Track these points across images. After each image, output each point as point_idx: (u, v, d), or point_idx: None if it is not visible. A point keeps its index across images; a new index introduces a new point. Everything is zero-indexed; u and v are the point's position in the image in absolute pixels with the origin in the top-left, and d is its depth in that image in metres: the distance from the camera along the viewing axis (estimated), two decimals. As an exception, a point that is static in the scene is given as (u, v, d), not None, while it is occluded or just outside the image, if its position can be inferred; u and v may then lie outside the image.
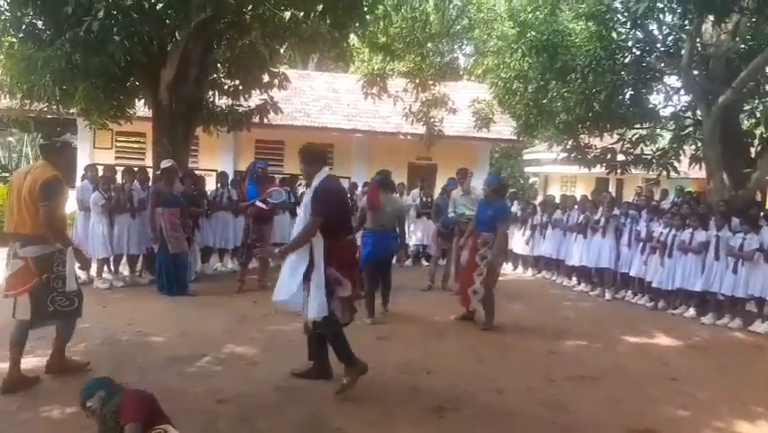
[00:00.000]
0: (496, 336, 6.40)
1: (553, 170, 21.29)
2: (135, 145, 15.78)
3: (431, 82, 11.44)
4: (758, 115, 9.24)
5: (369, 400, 4.39)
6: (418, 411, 4.22)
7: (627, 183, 20.54)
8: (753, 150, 9.56)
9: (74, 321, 4.66)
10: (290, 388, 4.50)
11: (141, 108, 10.70)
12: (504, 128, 15.93)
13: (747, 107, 9.80)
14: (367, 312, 6.58)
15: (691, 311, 8.06)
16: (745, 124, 10.23)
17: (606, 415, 4.36)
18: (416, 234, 11.38)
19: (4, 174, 17.38)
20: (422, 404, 4.34)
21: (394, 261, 7.88)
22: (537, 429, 4.03)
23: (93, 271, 8.29)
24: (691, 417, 4.41)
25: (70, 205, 8.74)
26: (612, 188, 19.41)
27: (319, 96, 17.52)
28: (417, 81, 11.53)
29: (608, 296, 9.20)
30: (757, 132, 9.76)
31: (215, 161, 15.62)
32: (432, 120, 11.73)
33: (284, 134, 15.52)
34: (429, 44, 11.94)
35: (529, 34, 10.19)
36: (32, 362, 4.82)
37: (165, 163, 7.74)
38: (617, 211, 9.48)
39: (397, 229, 7.09)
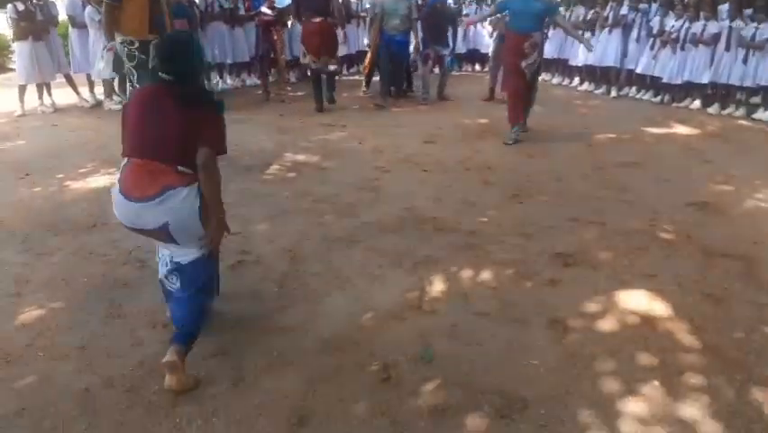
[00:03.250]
0: (531, 135, 6.62)
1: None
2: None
3: None
4: None
5: (449, 190, 4.71)
6: (498, 197, 4.56)
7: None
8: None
9: None
10: (374, 187, 4.74)
11: None
12: None
13: None
14: None
15: (697, 103, 8.44)
16: None
17: (661, 192, 4.79)
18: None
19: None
20: (498, 193, 4.67)
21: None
22: (609, 206, 4.42)
23: (99, 92, 8.03)
24: (735, 190, 4.88)
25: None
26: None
27: None
28: None
29: (613, 93, 9.44)
30: None
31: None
32: None
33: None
34: None
35: None
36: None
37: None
38: (625, 8, 9.34)
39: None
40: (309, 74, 8.02)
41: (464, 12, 11.62)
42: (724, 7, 8.31)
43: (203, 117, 2.41)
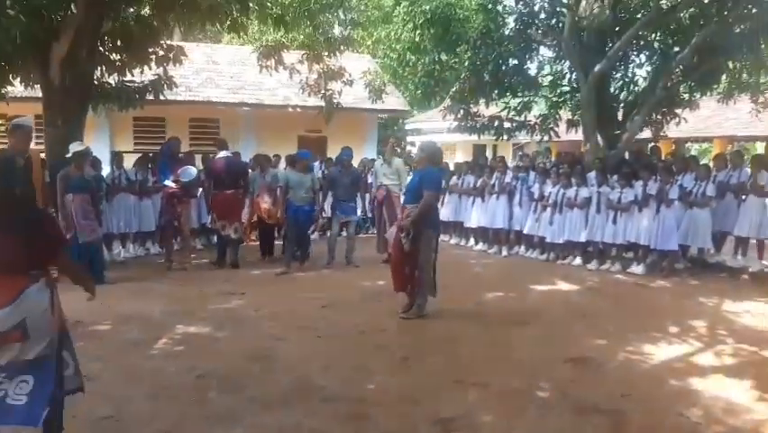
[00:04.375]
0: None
1: (433, 138, 22.24)
2: (3, 129, 14.33)
3: (326, 54, 11.57)
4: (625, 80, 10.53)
5: (340, 356, 4.76)
6: (389, 361, 4.65)
7: (500, 149, 22.09)
8: (619, 113, 10.86)
9: None
10: (265, 357, 4.70)
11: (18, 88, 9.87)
12: (390, 99, 16.45)
13: (615, 75, 11.09)
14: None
15: (578, 260, 9.15)
16: (611, 89, 11.49)
17: (542, 349, 5.05)
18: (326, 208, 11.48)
19: None
20: (389, 357, 4.77)
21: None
22: (493, 366, 4.60)
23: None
24: (609, 344, 5.23)
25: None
26: (488, 154, 20.75)
27: (199, 69, 16.89)
28: (312, 53, 11.61)
29: (504, 253, 10.11)
30: (622, 97, 11.10)
31: (90, 142, 14.59)
32: (330, 92, 11.90)
33: (164, 111, 14.83)
34: (321, 16, 11.99)
35: (422, 8, 10.71)
36: None
37: (76, 147, 7.31)
38: (509, 176, 10.32)
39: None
40: (217, 238, 8.78)
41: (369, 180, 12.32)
42: (592, 174, 9.41)
43: (43, 233, 2.82)
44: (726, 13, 9.20)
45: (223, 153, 8.62)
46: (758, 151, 19.74)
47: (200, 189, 9.25)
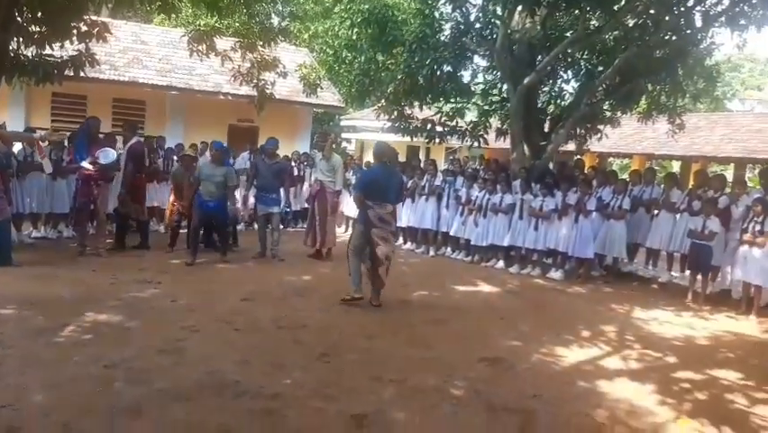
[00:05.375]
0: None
1: (367, 136, 22.28)
2: None
3: (260, 44, 11.33)
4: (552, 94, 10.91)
5: (257, 351, 4.65)
6: (305, 359, 4.58)
7: (433, 152, 22.39)
8: (546, 125, 11.23)
9: None
10: (175, 349, 4.54)
11: None
12: (326, 94, 16.33)
13: (544, 88, 11.46)
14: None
15: (501, 263, 9.40)
16: (539, 102, 11.87)
17: (460, 349, 5.14)
18: (250, 199, 11.26)
19: None
20: (308, 353, 4.71)
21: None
22: (411, 364, 4.64)
23: None
24: (523, 345, 5.39)
25: None
26: (421, 156, 20.98)
27: (126, 48, 16.18)
28: (246, 42, 11.35)
29: (431, 253, 10.26)
30: (549, 110, 11.48)
31: (3, 116, 13.74)
32: (263, 83, 11.65)
33: (87, 88, 14.12)
34: (258, 6, 11.74)
35: (360, 6, 10.69)
36: None
37: (-12, 120, 6.83)
38: (439, 179, 10.48)
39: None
40: (123, 221, 8.66)
41: (296, 172, 12.15)
42: (517, 182, 9.67)
43: None
44: (647, 38, 9.68)
45: (135, 138, 8.75)
46: (674, 169, 20.90)
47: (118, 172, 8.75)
